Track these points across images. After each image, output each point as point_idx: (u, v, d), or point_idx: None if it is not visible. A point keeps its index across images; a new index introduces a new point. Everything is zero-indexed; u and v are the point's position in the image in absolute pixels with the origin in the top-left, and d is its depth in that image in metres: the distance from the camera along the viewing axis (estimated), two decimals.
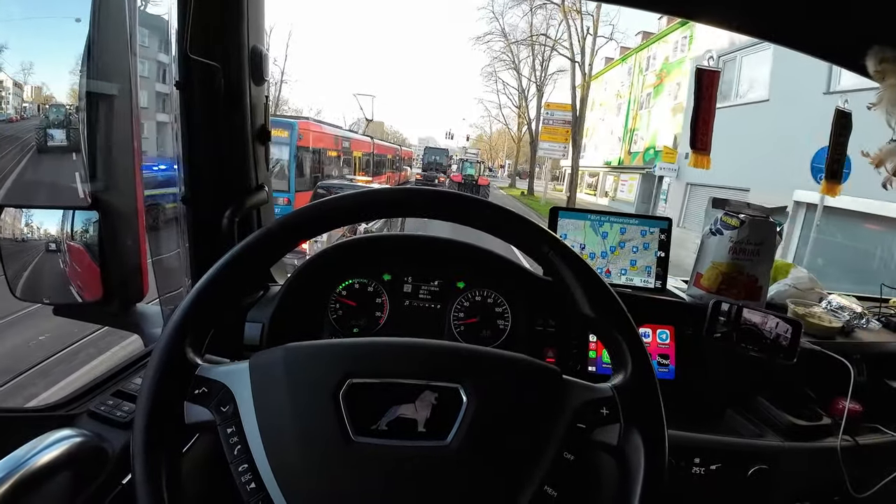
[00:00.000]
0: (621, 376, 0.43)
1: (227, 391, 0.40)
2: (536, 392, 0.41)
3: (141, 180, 0.81)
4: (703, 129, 1.03)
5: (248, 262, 0.45)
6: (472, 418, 0.39)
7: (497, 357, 0.43)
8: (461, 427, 0.38)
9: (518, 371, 0.42)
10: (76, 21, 0.64)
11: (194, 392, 0.40)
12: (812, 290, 1.07)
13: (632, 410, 0.41)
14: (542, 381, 0.42)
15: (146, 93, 0.79)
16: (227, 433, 0.39)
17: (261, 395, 0.40)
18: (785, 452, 0.78)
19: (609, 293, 0.45)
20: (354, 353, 0.42)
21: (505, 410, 0.40)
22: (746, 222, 0.93)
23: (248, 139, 0.84)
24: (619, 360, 0.44)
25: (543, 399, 0.41)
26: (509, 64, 27.49)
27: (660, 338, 0.91)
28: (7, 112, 0.68)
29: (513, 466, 0.38)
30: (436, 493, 0.37)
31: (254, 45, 0.80)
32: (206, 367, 0.42)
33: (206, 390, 0.40)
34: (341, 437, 0.37)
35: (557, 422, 0.40)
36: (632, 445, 0.40)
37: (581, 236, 0.98)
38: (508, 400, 0.40)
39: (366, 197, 0.46)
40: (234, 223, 0.82)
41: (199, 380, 0.41)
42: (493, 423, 0.39)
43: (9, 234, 0.75)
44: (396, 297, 0.91)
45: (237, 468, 0.38)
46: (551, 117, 19.36)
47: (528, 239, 0.46)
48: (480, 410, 0.39)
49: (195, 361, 0.42)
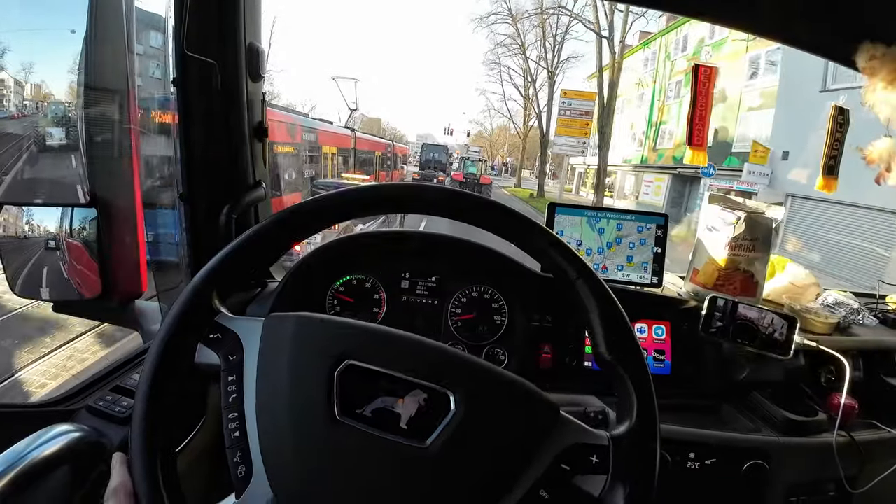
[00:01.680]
0: (623, 427, 0.41)
1: (238, 342, 0.42)
2: (528, 421, 0.40)
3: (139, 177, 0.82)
4: (699, 125, 1.04)
5: (279, 234, 0.47)
6: (455, 428, 0.38)
7: (497, 375, 0.41)
8: (442, 434, 0.38)
9: (515, 395, 0.41)
10: (71, 32, 0.65)
11: (209, 336, 0.43)
12: (809, 287, 1.07)
13: (623, 467, 0.39)
14: (538, 412, 0.40)
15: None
16: (227, 380, 0.41)
17: (266, 353, 0.41)
18: (780, 448, 0.78)
19: (633, 340, 0.43)
20: (360, 336, 0.42)
21: (490, 430, 0.39)
22: (743, 218, 0.93)
23: (246, 136, 0.84)
24: (625, 408, 0.42)
25: (533, 430, 0.39)
26: (515, 50, 24.42)
27: (656, 333, 0.91)
28: (9, 109, 0.69)
29: (484, 487, 0.37)
30: (402, 491, 0.37)
31: (250, 41, 0.81)
32: (226, 315, 0.44)
33: (220, 336, 0.43)
34: (326, 412, 0.38)
35: (541, 457, 0.39)
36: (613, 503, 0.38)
37: (578, 232, 0.98)
38: (497, 420, 0.39)
39: (396, 190, 0.48)
40: (232, 220, 0.83)
41: (216, 326, 0.44)
42: (475, 439, 0.38)
43: (8, 232, 0.76)
44: (394, 293, 0.92)
45: (227, 414, 0.40)
46: (568, 107, 15.74)
47: (541, 249, 0.46)
48: (466, 423, 0.38)
49: (217, 308, 0.44)
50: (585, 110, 15.51)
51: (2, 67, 0.58)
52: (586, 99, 15.72)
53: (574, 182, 26.72)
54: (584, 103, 15.61)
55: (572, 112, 15.66)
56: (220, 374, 0.42)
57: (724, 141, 12.74)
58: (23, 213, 0.76)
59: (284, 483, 0.37)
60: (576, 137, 15.60)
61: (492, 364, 0.43)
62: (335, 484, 0.37)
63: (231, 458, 0.38)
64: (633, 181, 18.73)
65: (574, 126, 15.54)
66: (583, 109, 15.54)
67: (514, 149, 46.24)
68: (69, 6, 0.69)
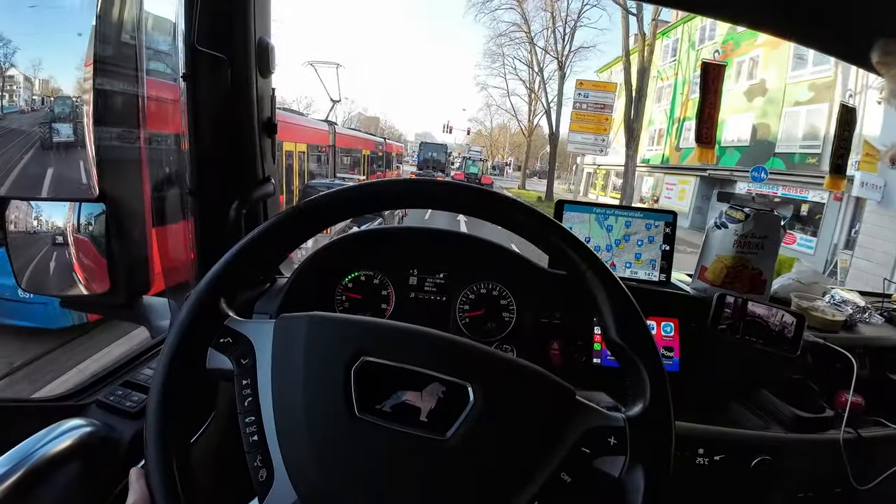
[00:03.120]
0: (637, 408, 0.42)
1: (249, 345, 0.42)
2: (546, 407, 0.40)
3: (148, 172, 0.81)
4: (708, 122, 1.04)
5: (289, 230, 0.47)
6: (475, 419, 0.38)
7: (514, 365, 0.42)
8: (462, 426, 0.38)
9: (532, 383, 0.41)
10: (78, 35, 0.66)
11: (220, 340, 0.42)
12: (816, 284, 1.08)
13: (640, 447, 0.40)
14: (554, 398, 0.41)
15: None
16: (242, 384, 0.41)
17: (279, 355, 0.41)
18: (788, 444, 0.78)
19: (641, 322, 0.44)
20: (374, 332, 0.42)
21: (509, 419, 0.39)
22: (751, 216, 0.93)
23: (255, 131, 0.84)
24: (638, 390, 0.43)
25: (551, 416, 0.40)
26: (520, 39, 22.61)
27: (664, 330, 0.92)
28: (19, 104, 0.70)
29: (506, 476, 0.38)
30: (425, 484, 0.37)
31: (260, 36, 0.80)
32: (235, 319, 0.44)
33: (230, 340, 0.42)
34: (346, 410, 0.38)
35: (561, 441, 0.39)
36: (633, 483, 0.39)
37: (586, 230, 0.98)
38: (515, 409, 0.40)
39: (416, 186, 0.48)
40: (241, 215, 0.82)
41: (226, 330, 0.43)
42: (494, 428, 0.39)
43: (15, 227, 0.75)
44: (402, 289, 0.91)
45: (244, 419, 0.39)
46: (584, 100, 13.57)
47: (551, 241, 0.46)
48: (485, 414, 0.38)
49: (226, 312, 0.44)
50: (604, 103, 13.43)
51: (12, 64, 0.59)
52: (605, 90, 13.58)
53: (582, 184, 24.61)
54: (602, 95, 13.50)
55: (589, 105, 13.57)
56: (231, 375, 0.41)
57: (764, 140, 11.49)
58: (31, 207, 0.76)
59: (308, 484, 0.37)
60: (592, 134, 13.49)
61: (508, 354, 0.43)
62: (359, 481, 0.37)
63: (251, 462, 0.38)
64: (651, 183, 16.96)
65: (591, 121, 13.49)
66: (601, 102, 13.46)
67: (515, 147, 44.76)
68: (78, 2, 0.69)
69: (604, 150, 13.53)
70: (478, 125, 44.45)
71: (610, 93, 13.42)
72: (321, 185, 7.34)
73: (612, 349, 0.44)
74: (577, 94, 13.75)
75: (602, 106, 13.51)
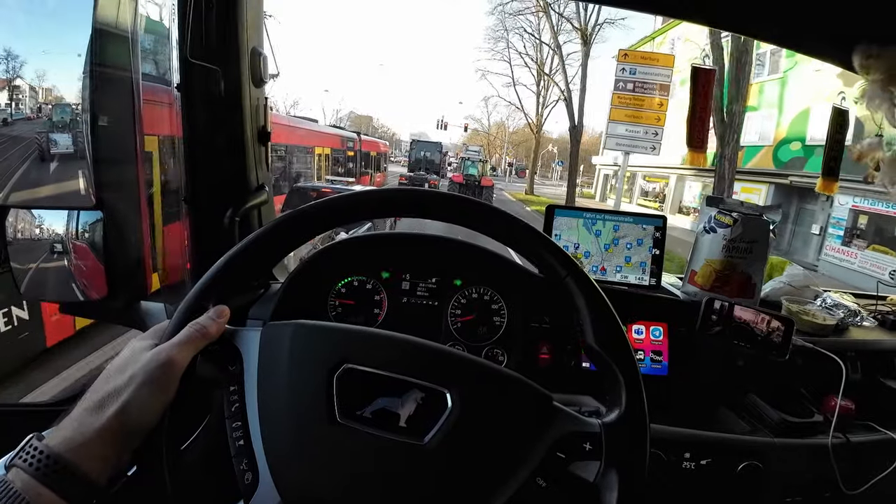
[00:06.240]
0: (613, 414, 0.42)
1: (237, 352, 0.44)
2: (522, 413, 0.41)
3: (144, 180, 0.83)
4: (699, 126, 1.04)
5: (280, 237, 0.48)
6: (452, 425, 0.39)
7: (491, 371, 0.43)
8: (440, 431, 0.39)
9: (509, 389, 0.42)
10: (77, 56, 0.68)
11: (208, 348, 0.44)
12: (807, 288, 1.08)
13: (615, 452, 0.41)
14: (531, 404, 0.42)
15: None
16: (229, 390, 0.42)
17: (265, 362, 0.42)
18: (776, 448, 0.79)
19: (619, 329, 0.45)
20: (356, 339, 0.44)
21: (486, 424, 0.40)
22: (740, 220, 0.94)
23: (249, 140, 0.85)
24: (614, 396, 0.43)
25: (527, 421, 0.41)
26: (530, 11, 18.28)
27: (653, 335, 0.92)
28: (24, 111, 0.73)
29: (483, 479, 0.39)
30: (404, 488, 0.38)
31: (253, 47, 0.82)
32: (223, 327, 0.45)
33: (218, 348, 0.44)
34: (327, 415, 0.39)
35: (537, 446, 0.40)
36: (608, 488, 0.40)
37: (575, 235, 0.99)
38: (492, 415, 0.41)
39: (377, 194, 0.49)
40: (235, 223, 0.84)
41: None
42: (471, 433, 0.40)
43: (15, 234, 0.77)
44: (394, 294, 0.93)
45: (231, 424, 0.41)
46: (631, 78, 8.59)
47: (532, 249, 0.48)
48: (462, 419, 0.40)
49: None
50: (660, 83, 8.63)
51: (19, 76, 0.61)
52: (661, 65, 8.70)
53: (598, 187, 21.47)
54: (657, 71, 8.60)
55: (636, 86, 8.65)
56: (219, 383, 0.43)
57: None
58: (30, 215, 0.78)
59: (291, 487, 0.38)
60: (642, 125, 8.74)
61: (485, 360, 0.44)
62: (340, 485, 0.38)
63: (237, 466, 0.39)
64: (698, 190, 13.50)
65: (640, 107, 8.64)
66: (655, 82, 8.61)
67: (516, 146, 43.19)
68: (74, 11, 0.71)
69: (656, 147, 9.10)
70: (475, 123, 40.97)
71: (667, 69, 8.84)
72: (311, 188, 6.87)
73: (590, 354, 0.45)
74: (619, 69, 8.73)
75: (658, 88, 8.69)
